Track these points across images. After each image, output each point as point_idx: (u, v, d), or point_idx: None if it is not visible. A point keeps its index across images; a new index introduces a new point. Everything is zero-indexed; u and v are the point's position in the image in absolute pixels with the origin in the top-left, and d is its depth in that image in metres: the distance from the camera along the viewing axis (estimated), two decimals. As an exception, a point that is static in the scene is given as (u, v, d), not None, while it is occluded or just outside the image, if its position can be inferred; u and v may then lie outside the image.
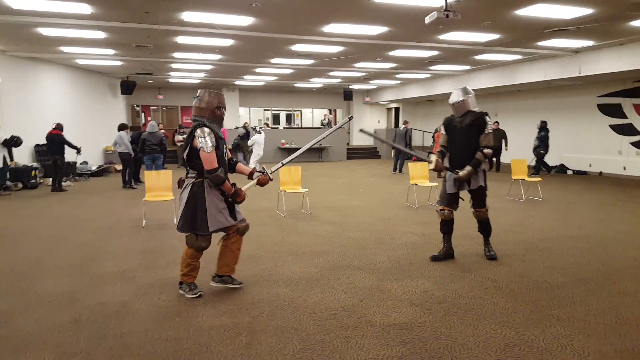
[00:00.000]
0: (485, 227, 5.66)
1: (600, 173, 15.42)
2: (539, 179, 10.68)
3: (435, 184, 9.57)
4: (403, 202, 9.70)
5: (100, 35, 10.66)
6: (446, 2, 6.93)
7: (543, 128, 14.78)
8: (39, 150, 13.25)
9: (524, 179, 10.17)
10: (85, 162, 15.23)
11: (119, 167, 16.15)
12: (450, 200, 5.53)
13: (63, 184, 11.97)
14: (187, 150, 4.18)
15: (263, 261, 5.55)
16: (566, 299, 4.28)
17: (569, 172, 16.06)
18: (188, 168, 4.27)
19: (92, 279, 4.94)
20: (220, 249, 4.50)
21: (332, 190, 11.72)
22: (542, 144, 14.69)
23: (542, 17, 8.76)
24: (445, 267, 5.29)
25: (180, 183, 4.35)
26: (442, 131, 5.66)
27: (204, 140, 4.05)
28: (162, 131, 17.55)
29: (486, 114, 5.35)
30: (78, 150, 11.86)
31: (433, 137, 16.96)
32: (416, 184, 9.45)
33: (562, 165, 16.55)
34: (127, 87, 18.69)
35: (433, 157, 5.46)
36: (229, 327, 3.74)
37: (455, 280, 4.83)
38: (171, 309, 4.12)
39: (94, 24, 9.45)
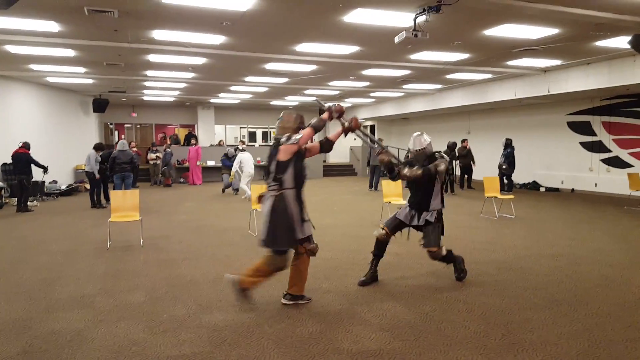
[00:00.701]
0: (444, 262, 5.46)
1: (573, 190, 15.63)
2: (512, 196, 10.74)
3: (409, 202, 9.52)
4: (377, 220, 9.58)
5: (69, 53, 10.45)
6: (415, 23, 6.94)
7: (508, 145, 14.82)
8: (5, 169, 12.82)
9: (496, 197, 10.21)
10: (55, 181, 14.81)
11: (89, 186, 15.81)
12: (394, 225, 5.45)
13: (29, 204, 11.58)
14: (273, 165, 4.35)
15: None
16: (538, 322, 4.20)
17: (542, 189, 16.24)
18: (271, 183, 4.39)
19: (47, 305, 4.68)
20: (290, 269, 4.59)
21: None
22: (505, 161, 14.70)
23: (510, 37, 8.90)
24: (417, 288, 5.19)
25: (261, 198, 4.55)
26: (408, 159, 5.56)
27: (294, 138, 4.31)
28: (135, 149, 17.31)
29: (441, 155, 5.31)
30: (45, 170, 11.55)
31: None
32: (390, 202, 9.37)
33: (534, 182, 16.74)
34: (100, 105, 18.37)
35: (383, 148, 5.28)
36: (188, 357, 3.55)
37: (426, 303, 4.72)
38: (128, 337, 3.90)
39: (62, 42, 9.26)
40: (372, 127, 27.25)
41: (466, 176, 16.10)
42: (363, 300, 4.83)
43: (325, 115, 4.60)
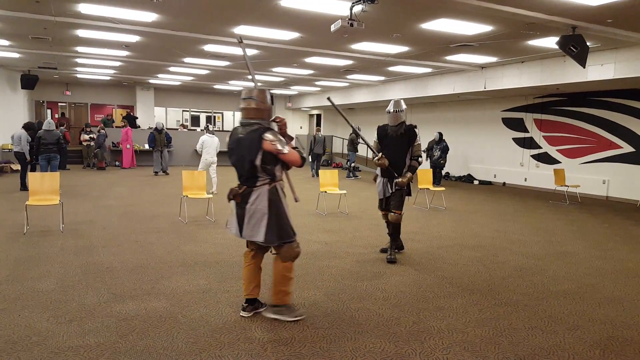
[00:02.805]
0: (396, 230, 6.02)
1: (504, 184, 16.27)
2: (443, 188, 11.03)
3: (344, 191, 9.59)
4: (313, 209, 9.62)
5: (-12, 23, 9.75)
6: (351, 12, 6.92)
7: (442, 139, 15.27)
8: None
9: (429, 188, 10.44)
10: (-25, 161, 13.91)
11: (15, 166, 14.95)
12: (386, 204, 5.99)
13: (-58, 184, 10.79)
14: (260, 157, 3.76)
15: (149, 272, 5.19)
16: (450, 310, 4.32)
17: (475, 182, 16.82)
18: (259, 175, 3.83)
19: (-57, 295, 4.36)
20: (252, 269, 4.11)
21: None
22: (443, 155, 15.13)
23: (446, 31, 9.05)
24: (340, 277, 5.21)
25: (242, 195, 3.87)
26: (375, 139, 5.93)
27: (281, 142, 3.79)
28: (67, 131, 16.51)
29: (415, 126, 5.84)
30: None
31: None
32: (326, 192, 9.40)
33: (469, 175, 17.31)
34: (28, 82, 17.28)
35: (380, 154, 5.73)
36: (91, 347, 3.39)
37: (346, 291, 4.76)
38: (30, 327, 3.70)
39: (-23, 11, 8.61)
40: (319, 117, 27.28)
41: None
42: (284, 288, 4.79)
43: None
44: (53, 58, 14.42)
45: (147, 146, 17.59)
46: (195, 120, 26.78)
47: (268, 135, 3.76)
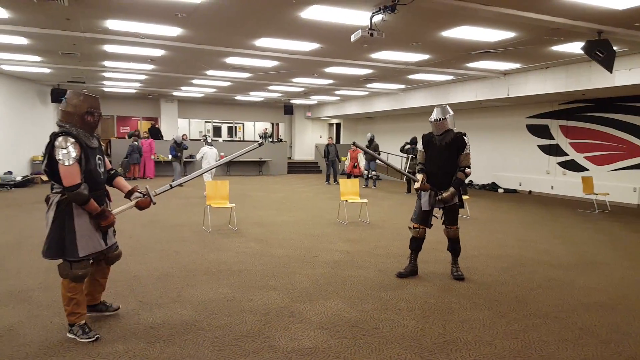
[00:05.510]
0: (454, 246, 5.67)
1: (530, 192, 16.00)
2: (467, 196, 10.91)
3: (366, 200, 9.56)
4: (334, 218, 9.62)
5: (22, 41, 10.11)
6: (371, 21, 6.94)
7: None
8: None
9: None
10: (9, 172, 14.39)
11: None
12: (424, 218, 5.51)
13: (-24, 196, 11.16)
14: (45, 162, 3.59)
15: (174, 280, 5.26)
16: (476, 321, 4.26)
17: (500, 191, 16.58)
18: (53, 183, 3.67)
19: (-22, 302, 4.50)
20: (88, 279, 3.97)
21: (265, 205, 11.50)
22: None
23: (468, 39, 9.00)
24: (363, 287, 5.20)
25: (47, 200, 3.72)
26: (420, 148, 5.66)
27: (64, 152, 3.49)
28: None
29: (465, 134, 5.40)
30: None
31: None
32: (346, 201, 9.40)
33: (493, 183, 17.08)
34: (58, 95, 17.78)
35: (419, 176, 5.43)
36: (120, 354, 3.46)
37: (369, 301, 4.74)
38: (62, 333, 3.80)
39: (13, 29, 8.94)
40: (338, 125, 27.34)
41: None
42: (307, 298, 4.81)
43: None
44: (81, 72, 14.85)
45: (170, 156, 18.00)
46: (217, 131, 27.15)
47: (58, 140, 3.53)
